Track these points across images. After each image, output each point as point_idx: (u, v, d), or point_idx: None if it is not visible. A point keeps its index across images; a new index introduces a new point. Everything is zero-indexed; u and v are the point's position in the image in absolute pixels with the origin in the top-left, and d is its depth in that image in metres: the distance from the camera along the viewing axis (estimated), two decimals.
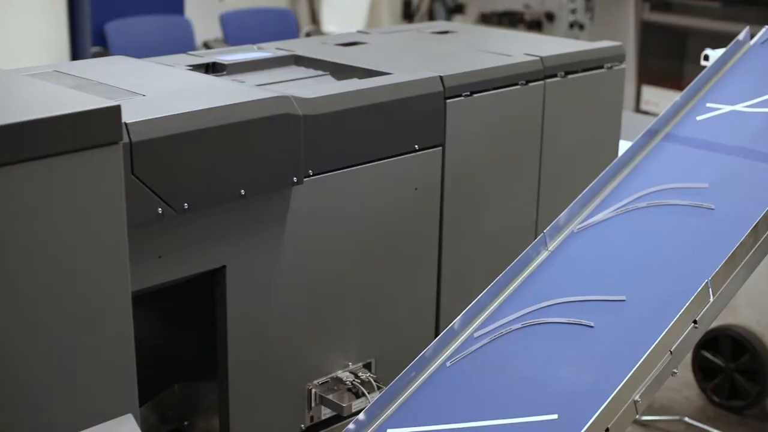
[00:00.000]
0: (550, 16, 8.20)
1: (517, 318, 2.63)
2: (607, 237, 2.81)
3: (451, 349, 2.60)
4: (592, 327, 2.56)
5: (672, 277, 2.64)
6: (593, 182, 2.89)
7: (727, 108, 3.15)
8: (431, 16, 9.02)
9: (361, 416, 2.42)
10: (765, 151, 3.03)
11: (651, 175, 2.95)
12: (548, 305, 2.64)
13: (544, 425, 2.34)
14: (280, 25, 8.24)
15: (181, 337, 2.95)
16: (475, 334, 2.62)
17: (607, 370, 2.42)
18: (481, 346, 2.58)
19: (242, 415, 2.72)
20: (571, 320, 2.58)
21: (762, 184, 2.86)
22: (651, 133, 3.09)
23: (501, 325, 2.62)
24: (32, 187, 2.06)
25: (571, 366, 2.49)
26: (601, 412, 2.26)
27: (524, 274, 2.73)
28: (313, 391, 2.88)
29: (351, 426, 2.41)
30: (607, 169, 2.94)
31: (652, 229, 2.80)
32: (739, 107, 3.15)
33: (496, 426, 2.37)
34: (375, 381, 2.91)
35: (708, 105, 3.21)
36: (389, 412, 2.46)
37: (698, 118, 3.20)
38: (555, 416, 2.35)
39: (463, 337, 2.62)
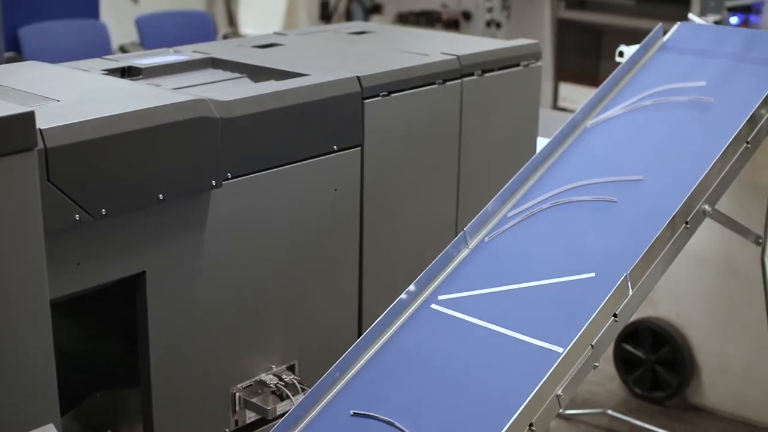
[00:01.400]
0: (467, 15, 8.23)
1: (546, 198, 2.99)
2: (619, 130, 3.21)
3: (488, 227, 2.94)
4: (615, 202, 2.93)
5: (682, 158, 3.01)
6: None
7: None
8: (349, 17, 9.02)
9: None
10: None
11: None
12: (573, 187, 3.01)
13: (583, 283, 2.68)
14: (197, 28, 8.18)
15: (103, 343, 2.92)
16: (509, 214, 2.97)
17: (635, 235, 2.76)
18: (515, 224, 2.93)
19: (166, 421, 2.70)
20: (596, 197, 2.95)
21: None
22: (573, 124, 3.22)
23: (532, 206, 2.97)
24: None
25: (602, 234, 2.84)
26: (524, 407, 2.29)
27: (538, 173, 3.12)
28: (237, 395, 2.87)
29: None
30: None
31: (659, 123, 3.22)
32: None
33: (539, 286, 2.71)
34: (299, 383, 2.91)
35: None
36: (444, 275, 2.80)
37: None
38: (592, 274, 2.69)
39: (497, 218, 2.97)
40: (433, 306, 2.72)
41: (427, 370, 2.54)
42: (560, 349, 2.46)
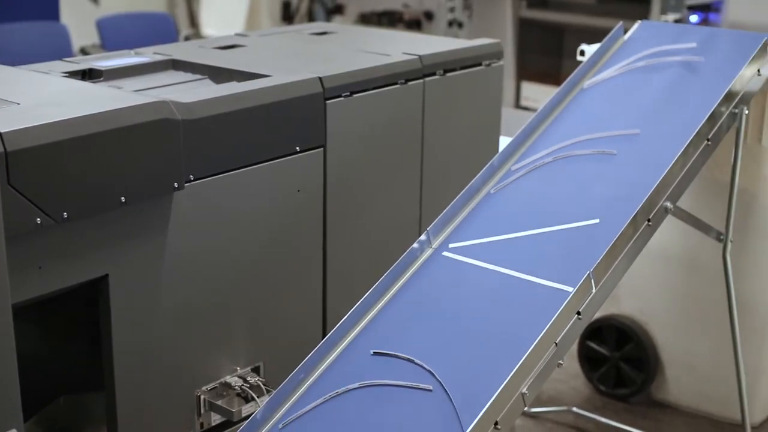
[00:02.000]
0: (429, 15, 8.24)
1: (548, 153, 3.15)
2: (613, 90, 3.39)
3: (493, 181, 3.10)
4: (615, 154, 3.09)
5: (675, 110, 3.17)
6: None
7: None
8: (311, 17, 9.01)
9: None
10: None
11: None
12: (574, 142, 3.17)
13: (588, 228, 2.85)
14: (159, 29, 8.14)
15: (66, 348, 2.90)
16: (512, 168, 3.13)
17: (635, 183, 2.92)
18: (520, 176, 3.10)
19: (130, 425, 2.69)
20: (596, 150, 3.12)
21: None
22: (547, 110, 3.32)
23: (534, 160, 3.14)
24: None
25: (603, 183, 3.00)
26: (489, 406, 2.29)
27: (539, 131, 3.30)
28: (202, 397, 2.86)
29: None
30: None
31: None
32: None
33: (546, 232, 2.87)
34: (264, 385, 2.90)
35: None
36: (453, 225, 2.96)
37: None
38: (597, 220, 2.86)
39: (502, 172, 3.13)
40: (445, 253, 2.87)
41: (443, 312, 2.70)
42: (570, 289, 2.62)
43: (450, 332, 2.62)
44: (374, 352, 2.60)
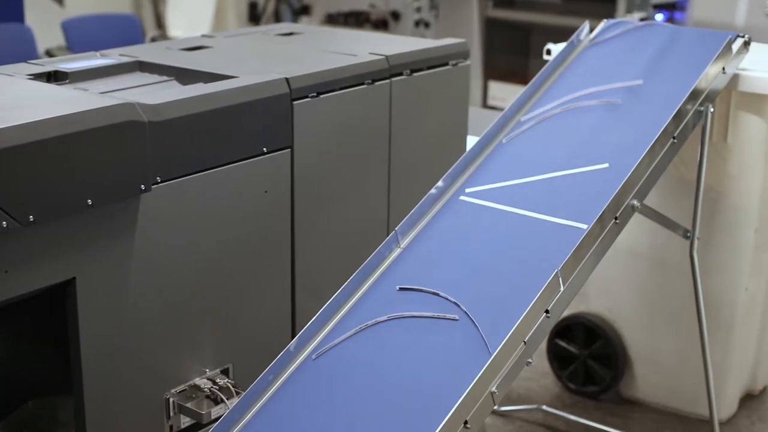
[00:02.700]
0: (395, 15, 8.24)
1: (556, 105, 3.33)
2: (610, 52, 3.57)
3: (504, 131, 3.27)
4: (620, 103, 3.28)
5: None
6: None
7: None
8: (277, 18, 8.99)
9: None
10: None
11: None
12: (580, 95, 3.35)
13: (598, 172, 3.02)
14: (125, 31, 8.10)
15: (34, 352, 2.89)
16: (522, 119, 3.31)
17: (641, 131, 3.09)
18: (530, 127, 3.27)
19: (99, 429, 2.68)
20: (602, 101, 3.30)
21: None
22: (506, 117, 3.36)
23: (542, 111, 3.31)
24: None
25: (610, 131, 3.17)
26: (458, 405, 2.30)
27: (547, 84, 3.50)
28: (171, 400, 2.85)
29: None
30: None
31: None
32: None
33: (558, 176, 3.04)
34: (233, 386, 2.90)
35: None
36: (468, 173, 3.14)
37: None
38: (606, 165, 3.02)
39: (512, 123, 3.30)
40: (462, 197, 3.03)
41: (463, 250, 2.86)
42: (584, 226, 2.80)
43: (471, 268, 2.78)
44: (400, 288, 2.75)
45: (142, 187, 2.59)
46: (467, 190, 3.06)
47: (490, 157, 3.20)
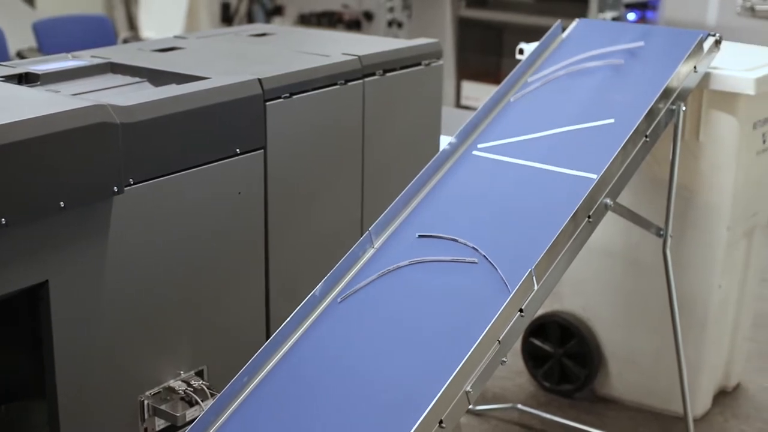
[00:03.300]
0: (368, 16, 8.24)
1: (561, 67, 3.53)
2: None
3: (513, 90, 3.47)
4: (622, 63, 3.48)
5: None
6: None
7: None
8: (250, 19, 8.98)
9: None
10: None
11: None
12: (583, 57, 3.54)
13: (604, 127, 3.20)
14: (97, 32, 8.06)
15: (7, 355, 2.87)
16: (529, 80, 3.50)
17: (644, 89, 3.26)
18: (537, 87, 3.46)
19: None
20: (605, 62, 3.50)
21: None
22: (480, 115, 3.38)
23: (548, 73, 3.51)
24: None
25: (614, 89, 3.35)
26: (433, 405, 2.30)
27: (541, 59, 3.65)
28: (146, 402, 2.84)
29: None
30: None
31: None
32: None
33: (566, 131, 3.23)
34: (208, 388, 2.89)
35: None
36: (478, 131, 3.33)
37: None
38: (612, 120, 3.21)
39: (520, 83, 3.50)
40: (475, 152, 3.21)
41: (478, 200, 3.03)
42: (593, 176, 2.96)
43: (487, 216, 2.95)
44: (419, 236, 2.90)
45: (115, 188, 2.58)
46: (479, 146, 3.24)
47: (500, 115, 3.38)
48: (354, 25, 8.28)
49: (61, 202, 2.45)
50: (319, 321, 2.70)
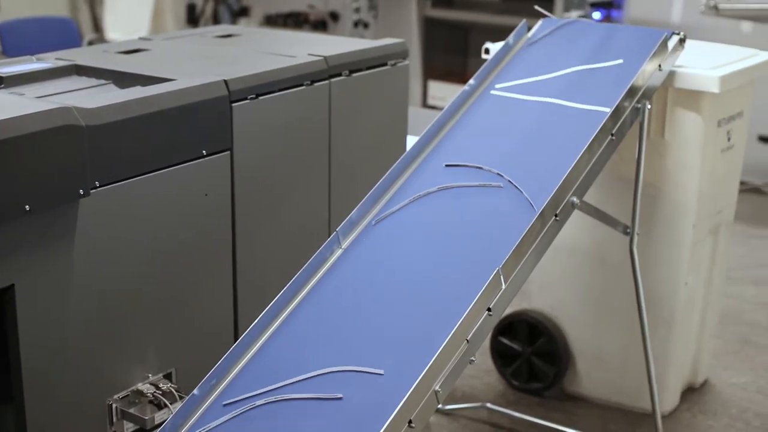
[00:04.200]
0: (334, 16, 8.24)
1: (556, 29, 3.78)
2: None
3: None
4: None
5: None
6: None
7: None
8: (216, 20, 8.95)
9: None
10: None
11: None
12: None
13: (612, 67, 3.43)
14: (62, 34, 8.03)
15: None
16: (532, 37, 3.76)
17: (636, 45, 3.52)
18: (543, 37, 3.75)
19: None
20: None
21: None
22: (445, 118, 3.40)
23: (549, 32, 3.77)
24: None
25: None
26: (402, 404, 2.30)
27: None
28: (114, 406, 2.83)
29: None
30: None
31: None
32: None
33: (576, 71, 3.47)
34: (176, 391, 2.88)
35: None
36: (494, 74, 3.58)
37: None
38: (620, 61, 3.39)
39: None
40: (493, 92, 3.45)
41: (500, 132, 3.25)
42: (607, 109, 3.17)
43: (509, 147, 3.17)
44: (446, 165, 3.12)
45: (81, 191, 2.57)
46: (497, 86, 3.47)
47: (514, 59, 3.63)
48: (320, 26, 8.28)
49: (27, 206, 2.43)
50: (356, 242, 2.93)
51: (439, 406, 2.47)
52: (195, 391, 2.49)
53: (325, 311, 2.71)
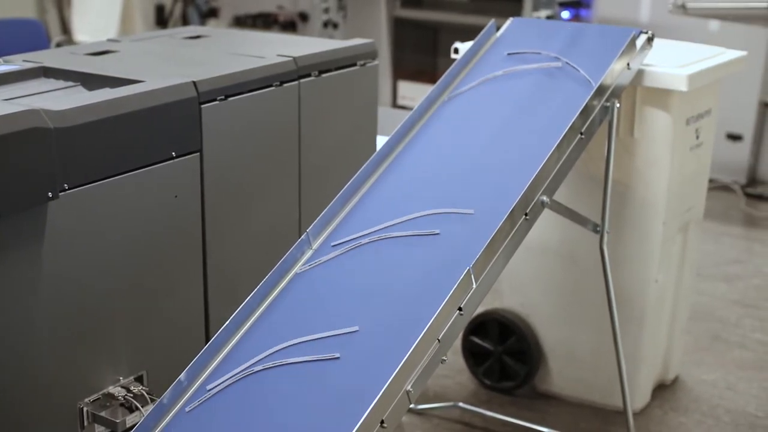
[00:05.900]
0: (303, 17, 8.23)
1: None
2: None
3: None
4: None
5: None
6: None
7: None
8: (185, 21, 8.93)
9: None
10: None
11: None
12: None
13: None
14: (29, 36, 7.97)
15: None
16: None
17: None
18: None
19: None
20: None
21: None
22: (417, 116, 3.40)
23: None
24: None
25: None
26: (374, 405, 2.30)
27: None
28: (85, 409, 2.82)
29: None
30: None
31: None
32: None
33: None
34: (148, 393, 2.87)
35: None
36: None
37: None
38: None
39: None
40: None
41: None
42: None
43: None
44: (508, 54, 3.48)
45: (50, 194, 2.55)
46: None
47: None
48: (289, 27, 8.27)
49: None
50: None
51: (412, 405, 2.47)
52: (166, 394, 2.48)
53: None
